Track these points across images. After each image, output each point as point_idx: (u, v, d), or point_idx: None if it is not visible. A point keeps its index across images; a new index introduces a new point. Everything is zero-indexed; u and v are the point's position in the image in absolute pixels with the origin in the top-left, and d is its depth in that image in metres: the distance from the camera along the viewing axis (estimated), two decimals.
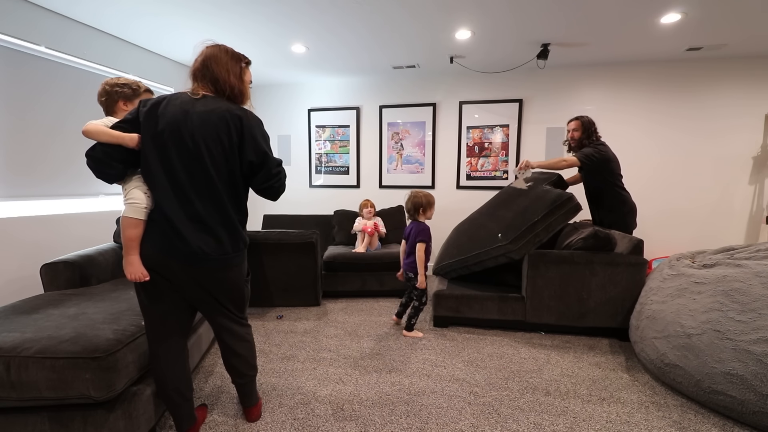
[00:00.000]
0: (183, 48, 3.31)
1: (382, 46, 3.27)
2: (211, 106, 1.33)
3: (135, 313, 1.65)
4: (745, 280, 1.78)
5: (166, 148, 1.30)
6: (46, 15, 2.54)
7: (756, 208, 3.61)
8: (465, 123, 4.16)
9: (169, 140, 1.29)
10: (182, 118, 1.30)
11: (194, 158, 1.30)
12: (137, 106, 1.36)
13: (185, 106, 1.32)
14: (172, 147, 1.30)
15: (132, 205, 1.31)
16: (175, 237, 1.30)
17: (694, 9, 2.54)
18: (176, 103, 1.32)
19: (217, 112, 1.32)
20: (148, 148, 1.30)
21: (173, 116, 1.30)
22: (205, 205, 1.33)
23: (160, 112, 1.31)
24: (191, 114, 1.30)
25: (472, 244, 2.85)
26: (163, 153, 1.30)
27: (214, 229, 1.35)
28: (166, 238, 1.31)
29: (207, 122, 1.31)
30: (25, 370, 1.27)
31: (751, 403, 1.57)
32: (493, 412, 1.74)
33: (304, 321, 2.88)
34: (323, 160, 4.61)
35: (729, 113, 3.57)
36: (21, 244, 2.43)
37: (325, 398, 1.85)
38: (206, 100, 1.34)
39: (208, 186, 1.33)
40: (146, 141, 1.30)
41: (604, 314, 2.47)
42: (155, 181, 1.31)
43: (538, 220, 2.49)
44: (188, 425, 1.51)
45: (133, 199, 1.32)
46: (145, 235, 1.32)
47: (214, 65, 1.36)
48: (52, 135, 2.61)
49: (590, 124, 2.89)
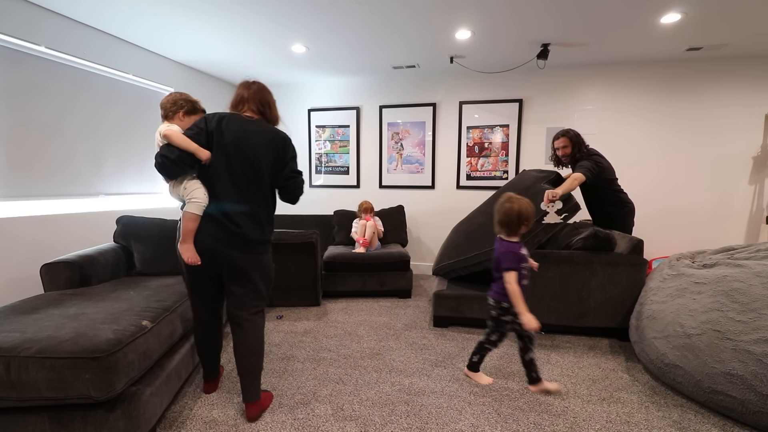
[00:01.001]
0: (183, 48, 3.31)
1: (382, 46, 3.27)
2: (263, 128, 1.69)
3: (135, 313, 1.65)
4: (745, 280, 1.78)
5: (230, 157, 1.62)
6: (46, 15, 2.54)
7: (756, 208, 3.61)
8: (465, 123, 4.16)
9: (233, 151, 1.62)
10: (243, 135, 1.63)
11: (252, 166, 1.64)
12: (202, 119, 1.66)
13: (244, 125, 1.66)
14: (236, 157, 1.62)
15: (195, 203, 1.58)
16: (233, 226, 1.62)
17: (694, 9, 2.54)
18: (236, 121, 1.66)
19: (269, 134, 1.68)
20: (217, 155, 1.62)
21: (236, 132, 1.63)
22: (257, 202, 1.68)
23: (224, 127, 1.63)
24: (250, 133, 1.65)
25: (471, 245, 2.84)
26: (228, 161, 1.62)
27: (261, 221, 1.70)
28: (222, 229, 1.62)
29: (262, 140, 1.66)
30: (25, 370, 1.27)
31: (751, 403, 1.57)
32: (493, 412, 1.74)
33: (304, 321, 2.88)
34: (323, 160, 4.61)
35: (729, 113, 3.57)
36: (21, 244, 2.43)
37: (325, 398, 1.85)
38: (258, 123, 1.70)
39: (260, 188, 1.67)
40: (215, 150, 1.62)
41: (604, 314, 2.47)
42: (221, 182, 1.62)
43: (537, 221, 2.49)
44: (213, 376, 1.94)
45: (197, 198, 1.59)
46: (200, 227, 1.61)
47: (263, 98, 1.74)
48: (52, 135, 2.61)
49: (577, 137, 2.90)
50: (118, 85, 3.09)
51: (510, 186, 3.11)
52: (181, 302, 1.94)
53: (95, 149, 2.91)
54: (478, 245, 2.76)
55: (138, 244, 2.52)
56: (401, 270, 3.44)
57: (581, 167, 2.74)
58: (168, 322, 1.75)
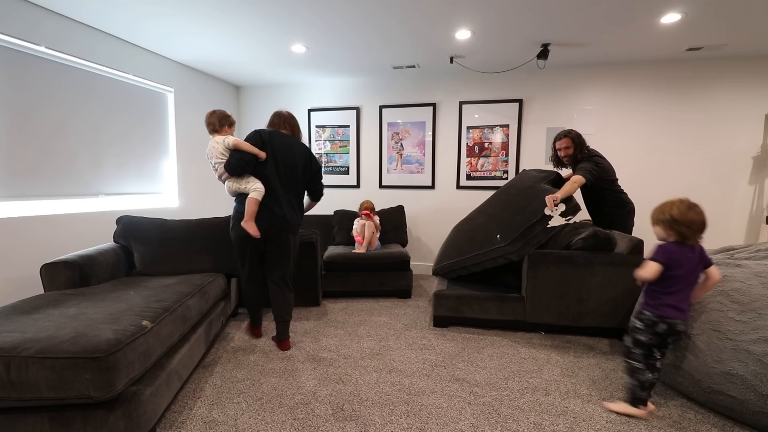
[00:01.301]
0: (183, 48, 3.31)
1: (383, 45, 3.27)
2: (297, 141, 2.39)
3: (135, 313, 1.65)
4: (745, 280, 1.78)
5: (278, 161, 2.26)
6: (50, 17, 2.54)
7: (756, 208, 3.61)
8: (465, 123, 4.16)
9: (280, 157, 2.27)
10: (286, 145, 2.31)
11: (293, 168, 2.31)
12: (257, 133, 2.26)
13: (284, 139, 2.32)
14: (281, 161, 2.27)
15: (258, 191, 2.20)
16: (280, 210, 2.26)
17: (694, 9, 2.54)
18: (279, 135, 2.31)
19: (301, 146, 2.38)
20: (270, 160, 2.24)
21: (281, 144, 2.29)
22: (295, 194, 2.36)
23: (272, 138, 2.27)
24: (289, 144, 2.32)
25: (471, 245, 2.84)
26: (276, 164, 2.26)
27: (296, 209, 2.37)
28: (271, 213, 2.24)
29: (297, 151, 2.34)
30: (25, 370, 1.27)
31: (751, 403, 1.57)
32: (493, 412, 1.74)
33: (304, 321, 2.88)
34: (323, 160, 4.60)
35: (729, 113, 3.57)
36: (21, 244, 2.43)
37: (325, 398, 1.85)
38: (292, 137, 2.38)
39: (296, 184, 2.35)
40: (269, 155, 2.24)
41: (604, 314, 2.47)
42: (273, 179, 2.25)
43: (536, 222, 2.49)
44: (257, 324, 2.54)
45: (259, 188, 2.21)
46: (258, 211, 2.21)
47: (292, 121, 2.44)
48: (53, 135, 2.61)
49: (579, 138, 2.90)
50: (118, 86, 3.09)
51: (510, 186, 3.10)
52: (181, 302, 1.94)
53: (96, 149, 2.91)
54: (478, 245, 2.76)
55: (138, 244, 2.52)
56: (401, 270, 3.44)
57: (581, 169, 2.74)
58: (168, 322, 1.74)
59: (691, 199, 1.71)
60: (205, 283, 2.32)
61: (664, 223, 1.70)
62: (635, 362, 1.73)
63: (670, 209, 1.69)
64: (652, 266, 1.66)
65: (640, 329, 1.73)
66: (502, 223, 2.71)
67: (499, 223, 2.75)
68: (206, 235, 2.66)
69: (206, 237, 2.65)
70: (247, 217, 2.17)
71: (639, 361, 1.72)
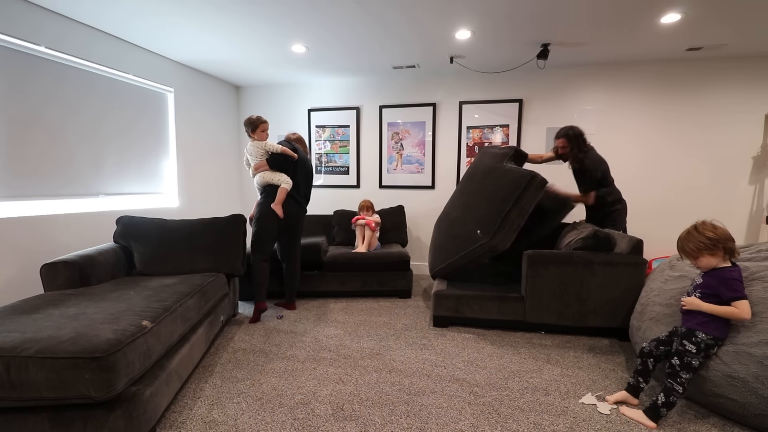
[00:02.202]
0: (183, 48, 3.31)
1: (382, 46, 3.27)
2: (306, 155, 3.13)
3: (135, 313, 1.65)
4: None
5: (298, 166, 2.97)
6: (50, 16, 2.54)
7: (756, 208, 3.61)
8: (465, 123, 4.16)
9: (301, 164, 2.99)
10: (304, 158, 3.05)
11: (308, 172, 3.10)
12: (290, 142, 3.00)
13: (301, 153, 3.02)
14: (301, 166, 3.00)
15: (288, 183, 2.88)
16: (300, 199, 3.02)
17: (694, 9, 2.54)
18: (300, 150, 3.02)
19: (309, 161, 3.13)
20: (297, 164, 2.95)
21: (301, 153, 3.03)
22: (308, 190, 3.13)
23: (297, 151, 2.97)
24: (304, 157, 3.05)
25: (455, 243, 2.82)
26: (299, 169, 2.98)
27: (307, 200, 3.13)
28: (295, 200, 2.96)
29: (308, 162, 3.11)
30: (25, 370, 1.27)
31: (753, 405, 1.57)
32: (493, 412, 1.74)
33: (304, 321, 2.88)
34: (323, 160, 4.61)
35: (729, 113, 3.57)
36: (21, 244, 2.43)
37: (325, 398, 1.85)
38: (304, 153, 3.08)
39: (309, 184, 3.13)
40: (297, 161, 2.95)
41: (604, 314, 2.47)
42: (299, 177, 2.97)
43: (510, 209, 2.48)
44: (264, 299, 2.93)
45: (288, 181, 2.89)
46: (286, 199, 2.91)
47: (302, 139, 3.19)
48: (53, 135, 2.61)
49: (577, 137, 2.91)
50: (118, 86, 3.09)
51: (473, 173, 3.07)
52: (181, 302, 1.94)
53: (95, 149, 2.91)
54: (462, 242, 2.73)
55: (138, 244, 2.52)
56: (401, 270, 3.44)
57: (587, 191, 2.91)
58: (168, 322, 1.74)
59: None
60: (205, 283, 2.32)
61: (708, 247, 1.65)
62: (680, 387, 1.63)
63: (703, 233, 1.66)
64: (746, 305, 1.60)
65: (694, 353, 1.65)
66: (478, 214, 2.70)
67: (474, 215, 2.74)
68: (206, 235, 2.66)
69: (206, 237, 2.65)
70: (278, 201, 2.82)
71: (684, 386, 1.63)
